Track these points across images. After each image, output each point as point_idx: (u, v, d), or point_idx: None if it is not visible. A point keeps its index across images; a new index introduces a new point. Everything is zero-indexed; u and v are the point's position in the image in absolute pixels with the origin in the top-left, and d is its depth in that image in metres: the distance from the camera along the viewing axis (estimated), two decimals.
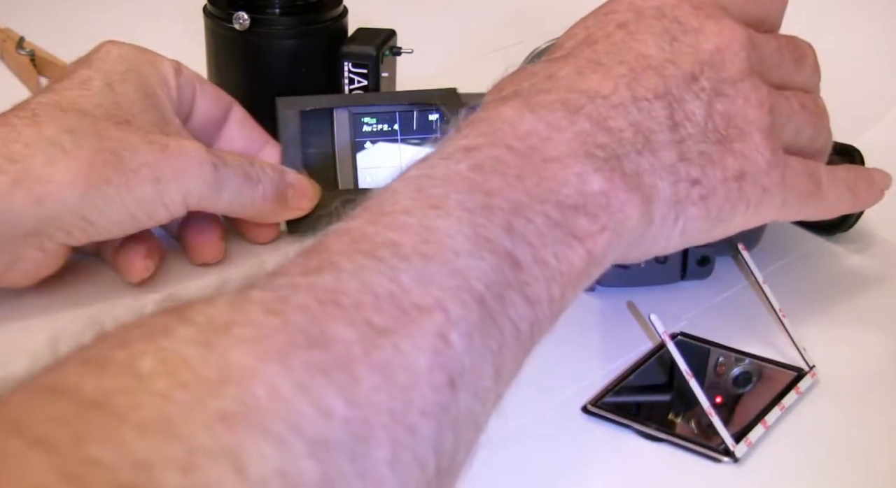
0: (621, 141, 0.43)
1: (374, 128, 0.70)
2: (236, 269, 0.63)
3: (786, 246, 0.71)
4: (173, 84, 0.65)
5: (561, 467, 0.50)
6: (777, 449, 0.51)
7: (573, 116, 0.43)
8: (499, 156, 0.41)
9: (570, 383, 0.56)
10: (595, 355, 0.59)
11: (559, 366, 0.58)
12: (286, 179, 0.65)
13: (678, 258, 0.64)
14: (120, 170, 0.56)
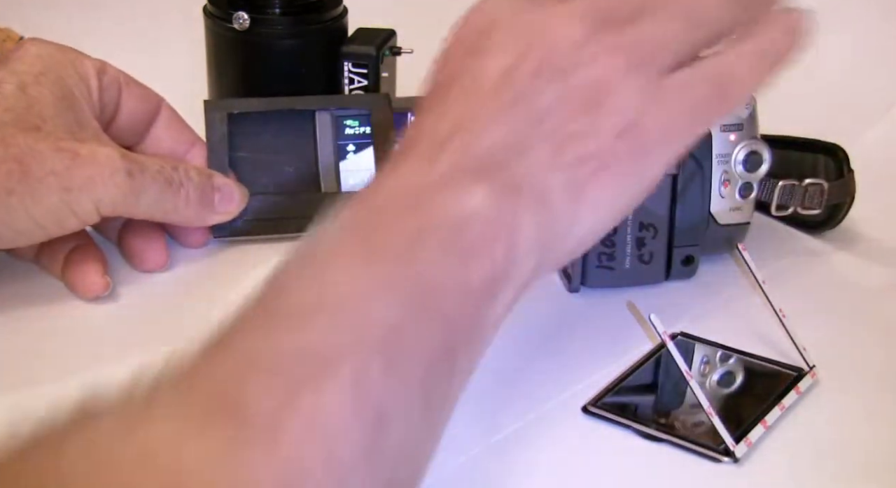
0: (493, 155, 0.43)
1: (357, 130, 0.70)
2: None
3: (785, 246, 0.71)
4: (94, 85, 0.62)
5: (561, 467, 0.50)
6: (777, 449, 0.51)
7: (441, 150, 0.43)
8: (379, 202, 0.42)
9: (570, 383, 0.56)
10: (595, 355, 0.59)
11: (559, 366, 0.58)
12: (213, 183, 0.63)
13: (662, 258, 0.64)
14: (24, 180, 0.55)
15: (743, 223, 0.66)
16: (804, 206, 0.68)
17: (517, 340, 0.60)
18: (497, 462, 0.50)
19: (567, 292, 0.65)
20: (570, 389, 0.55)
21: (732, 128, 0.64)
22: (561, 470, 0.50)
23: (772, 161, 0.65)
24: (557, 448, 0.52)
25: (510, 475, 0.50)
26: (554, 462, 0.51)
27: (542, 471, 0.50)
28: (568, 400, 0.54)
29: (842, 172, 0.69)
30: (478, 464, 0.50)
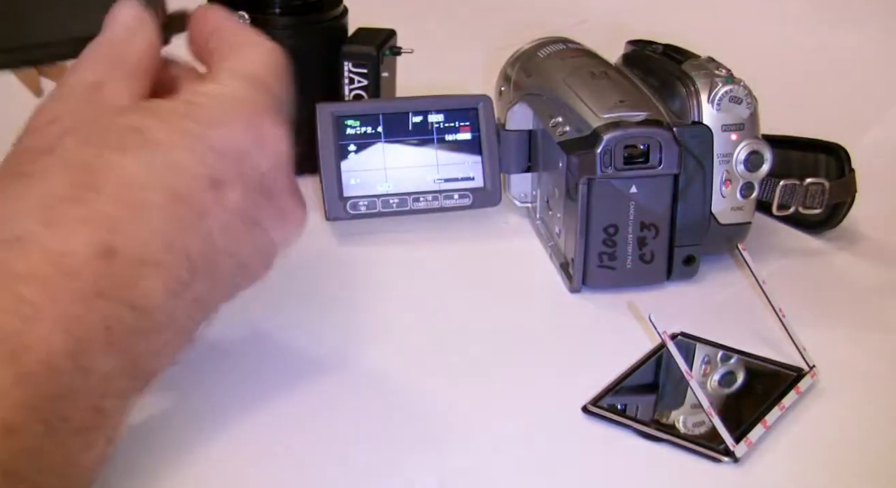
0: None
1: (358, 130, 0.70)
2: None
3: (785, 246, 0.71)
4: None
5: (561, 467, 0.50)
6: (777, 449, 0.51)
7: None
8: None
9: (570, 383, 0.56)
10: (595, 355, 0.59)
11: (559, 366, 0.58)
12: None
13: (664, 258, 0.64)
14: None
15: (744, 223, 0.66)
16: (805, 206, 0.68)
17: (517, 340, 0.60)
18: (497, 462, 0.50)
19: (568, 292, 0.65)
20: (570, 389, 0.55)
21: (734, 128, 0.64)
22: (561, 470, 0.50)
23: (773, 160, 0.65)
24: (557, 448, 0.52)
25: (510, 475, 0.50)
26: (554, 462, 0.51)
27: (542, 471, 0.50)
28: (568, 400, 0.54)
29: (843, 172, 0.69)
30: (478, 464, 0.50)
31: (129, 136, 0.43)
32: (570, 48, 0.74)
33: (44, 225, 0.40)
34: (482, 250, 0.70)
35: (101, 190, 0.41)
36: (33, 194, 0.41)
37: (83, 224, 0.40)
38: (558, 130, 0.65)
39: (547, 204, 0.69)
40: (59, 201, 0.41)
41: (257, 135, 0.45)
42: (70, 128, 0.43)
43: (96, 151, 0.42)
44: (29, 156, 0.43)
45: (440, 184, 0.71)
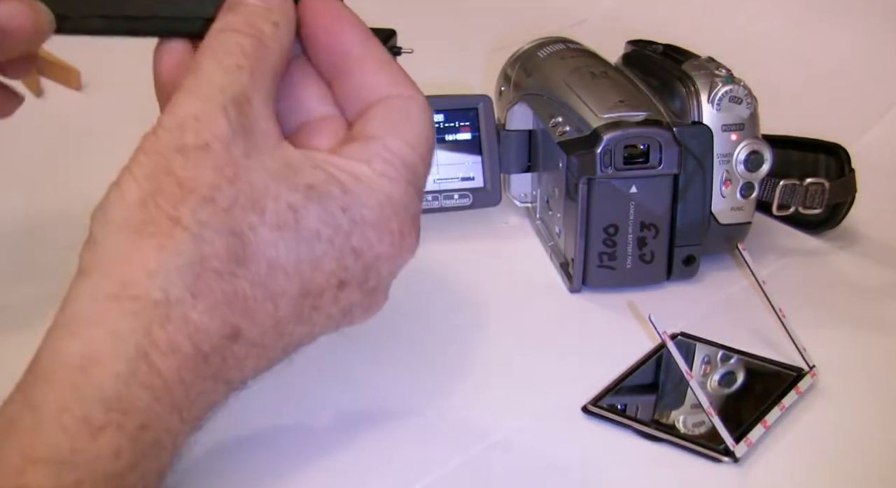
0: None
1: None
2: None
3: (785, 246, 0.71)
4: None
5: (561, 467, 0.50)
6: (777, 449, 0.51)
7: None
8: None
9: (570, 383, 0.56)
10: (595, 355, 0.59)
11: (559, 366, 0.58)
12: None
13: (664, 258, 0.64)
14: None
15: (744, 223, 0.66)
16: (805, 206, 0.68)
17: (517, 340, 0.60)
18: (497, 462, 0.50)
19: (568, 292, 0.65)
20: (570, 389, 0.55)
21: (734, 128, 0.64)
22: (561, 470, 0.50)
23: (773, 160, 0.65)
24: (557, 448, 0.52)
25: (510, 475, 0.50)
26: (554, 462, 0.51)
27: (542, 471, 0.50)
28: (568, 400, 0.54)
29: (843, 172, 0.69)
30: (478, 464, 0.50)
31: (286, 215, 0.40)
32: (570, 48, 0.74)
33: (192, 294, 0.38)
34: (482, 250, 0.70)
35: (248, 267, 0.40)
36: (186, 250, 0.39)
37: (225, 303, 0.39)
38: (558, 130, 0.65)
39: (547, 204, 0.69)
40: (209, 271, 0.39)
41: (398, 245, 0.43)
42: (227, 174, 0.40)
43: (254, 221, 0.40)
44: (182, 198, 0.39)
45: (440, 184, 0.71)
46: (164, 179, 0.39)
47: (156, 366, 0.38)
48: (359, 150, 0.43)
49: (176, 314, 0.38)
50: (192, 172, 0.39)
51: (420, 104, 0.44)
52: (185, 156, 0.39)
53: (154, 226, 0.38)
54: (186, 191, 0.39)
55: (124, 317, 0.38)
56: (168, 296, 0.38)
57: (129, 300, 0.38)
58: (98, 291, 0.38)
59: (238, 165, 0.40)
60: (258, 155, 0.41)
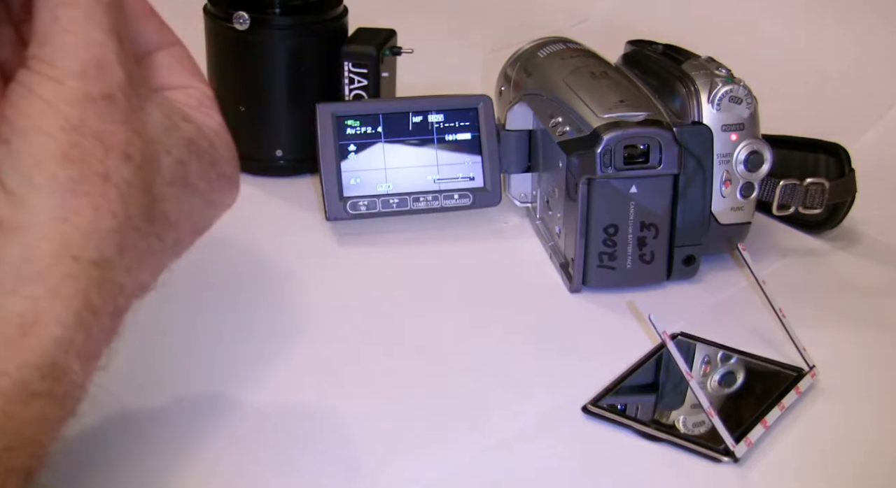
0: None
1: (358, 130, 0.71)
2: None
3: (785, 246, 0.71)
4: None
5: (561, 467, 0.50)
6: (777, 449, 0.51)
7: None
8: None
9: (570, 383, 0.56)
10: (595, 355, 0.59)
11: (559, 366, 0.58)
12: None
13: (664, 258, 0.64)
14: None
15: (744, 223, 0.66)
16: (805, 206, 0.68)
17: (518, 340, 0.60)
18: (497, 462, 0.50)
19: (568, 292, 0.65)
20: (570, 389, 0.55)
21: (734, 128, 0.64)
22: (561, 470, 0.50)
23: (773, 160, 0.65)
24: (557, 448, 0.52)
25: (510, 475, 0.50)
26: (554, 462, 0.51)
27: (542, 471, 0.50)
28: (568, 400, 0.54)
29: (843, 172, 0.69)
30: (478, 464, 0.50)
31: (177, 170, 0.42)
32: (570, 48, 0.74)
33: (119, 254, 0.40)
34: (482, 250, 0.70)
35: (154, 223, 0.41)
36: (118, 211, 0.40)
37: (140, 261, 0.41)
38: (558, 130, 0.65)
39: (547, 204, 0.69)
40: (132, 230, 0.40)
41: (236, 193, 0.47)
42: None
43: (156, 177, 0.41)
44: (105, 154, 0.40)
45: (440, 184, 0.71)
46: (80, 133, 0.38)
47: (92, 336, 0.38)
48: (190, 99, 0.44)
49: (108, 275, 0.39)
50: (105, 125, 0.39)
51: (185, 49, 0.46)
52: (95, 108, 0.39)
53: (84, 184, 0.38)
54: (107, 147, 0.39)
55: (65, 279, 0.37)
56: (103, 257, 0.38)
57: (70, 260, 0.38)
58: (35, 250, 0.37)
59: (138, 118, 0.40)
60: (147, 105, 0.41)
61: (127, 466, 0.49)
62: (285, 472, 0.49)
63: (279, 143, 0.78)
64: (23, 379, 0.36)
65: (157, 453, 0.50)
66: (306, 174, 0.79)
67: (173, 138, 0.42)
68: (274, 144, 0.78)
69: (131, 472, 0.49)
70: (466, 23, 1.14)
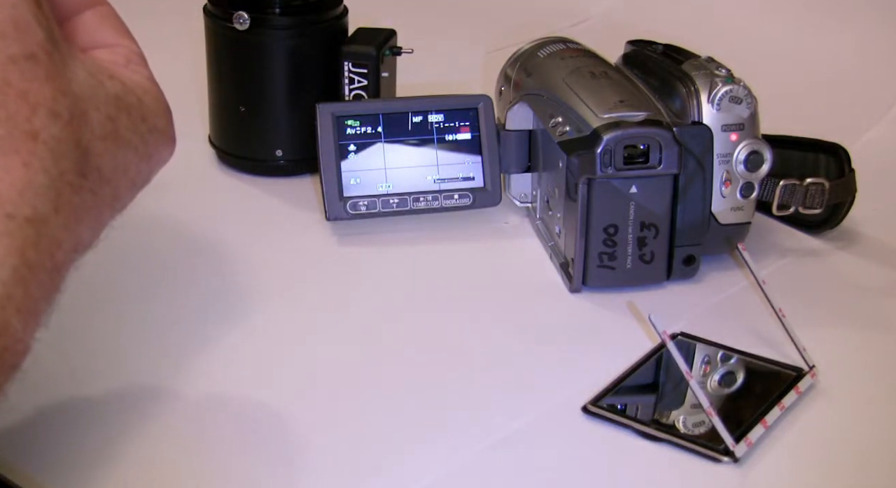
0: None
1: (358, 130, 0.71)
2: None
3: (785, 246, 0.71)
4: None
5: (561, 467, 0.50)
6: (777, 449, 0.51)
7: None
8: None
9: (570, 383, 0.56)
10: (595, 355, 0.59)
11: (559, 366, 0.58)
12: None
13: (664, 258, 0.64)
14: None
15: (744, 223, 0.66)
16: (805, 206, 0.68)
17: (517, 340, 0.60)
18: (497, 462, 0.50)
19: (568, 292, 0.65)
20: (570, 389, 0.55)
21: (734, 128, 0.64)
22: (561, 470, 0.50)
23: (773, 160, 0.65)
24: (557, 448, 0.52)
25: (510, 475, 0.50)
26: (554, 462, 0.51)
27: (542, 471, 0.50)
28: (568, 400, 0.54)
29: (843, 172, 0.69)
30: (478, 464, 0.50)
31: (107, 125, 0.43)
32: (570, 48, 0.74)
33: (55, 210, 0.40)
34: (482, 250, 0.70)
35: (88, 178, 0.42)
36: (49, 167, 0.40)
37: (75, 217, 0.41)
38: (558, 130, 0.65)
39: (547, 204, 0.69)
40: (66, 185, 0.41)
41: (172, 146, 0.47)
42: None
43: (86, 132, 0.42)
44: (32, 111, 0.40)
45: (440, 184, 0.71)
46: (4, 93, 0.38)
47: (30, 292, 0.38)
48: (116, 57, 0.45)
49: (44, 232, 0.39)
50: (30, 84, 0.39)
51: (111, 8, 0.47)
52: (17, 68, 0.39)
53: (13, 142, 0.38)
54: (33, 105, 0.39)
55: (0, 237, 0.38)
56: (37, 214, 0.39)
57: (4, 218, 0.38)
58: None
59: (63, 76, 0.40)
60: (72, 63, 0.41)
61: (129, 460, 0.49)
62: (286, 472, 0.49)
63: (279, 143, 0.78)
64: None
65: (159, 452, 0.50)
66: (306, 174, 0.79)
67: (100, 95, 0.42)
68: (274, 144, 0.78)
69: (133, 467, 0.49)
70: (466, 23, 1.14)
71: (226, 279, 0.65)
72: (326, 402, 0.54)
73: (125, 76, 0.45)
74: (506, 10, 1.15)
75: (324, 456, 0.50)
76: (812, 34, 1.05)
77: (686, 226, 0.64)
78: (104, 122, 0.42)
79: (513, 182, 0.74)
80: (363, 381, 0.56)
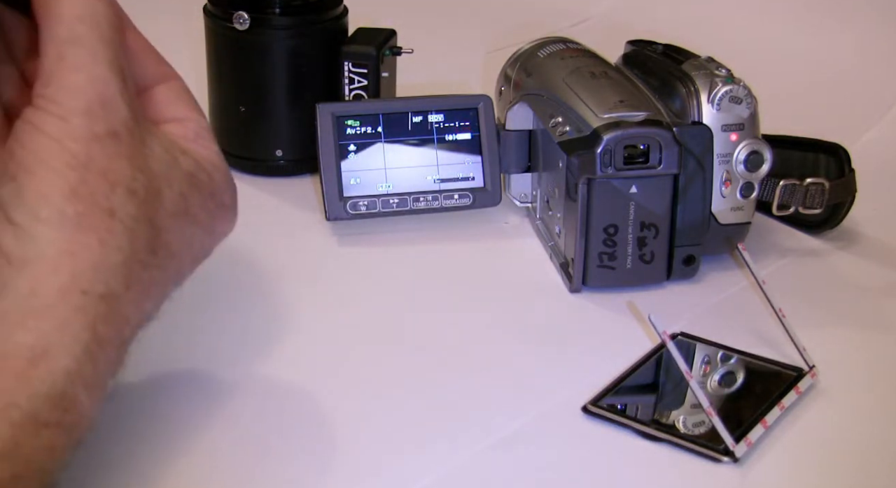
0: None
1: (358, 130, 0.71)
2: None
3: (785, 246, 0.71)
4: None
5: (561, 467, 0.50)
6: (777, 449, 0.51)
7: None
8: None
9: (570, 383, 0.56)
10: (595, 355, 0.59)
11: (559, 366, 0.58)
12: None
13: (664, 258, 0.64)
14: None
15: (744, 223, 0.66)
16: (805, 206, 0.68)
17: (517, 340, 0.60)
18: (497, 462, 0.50)
19: (568, 292, 0.65)
20: (570, 389, 0.55)
21: (734, 128, 0.64)
22: (561, 470, 0.50)
23: (773, 160, 0.65)
24: (557, 448, 0.52)
25: (510, 475, 0.50)
26: (554, 462, 0.51)
27: (542, 471, 0.50)
28: (568, 400, 0.54)
29: (843, 172, 0.69)
30: (478, 464, 0.50)
31: (179, 202, 0.44)
32: (570, 48, 0.74)
33: (126, 287, 0.41)
34: (482, 250, 0.70)
35: (157, 254, 0.43)
36: (124, 245, 0.41)
37: (144, 293, 0.42)
38: (558, 130, 0.65)
39: (547, 204, 0.69)
40: (137, 263, 0.42)
41: (234, 220, 0.49)
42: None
43: (159, 209, 0.43)
44: (110, 190, 0.41)
45: (440, 184, 0.71)
46: (87, 170, 0.39)
47: (99, 368, 0.39)
48: (187, 132, 0.46)
49: (115, 308, 0.40)
50: (111, 162, 0.40)
51: (183, 83, 0.48)
52: (101, 145, 0.40)
53: (91, 219, 0.39)
54: (113, 183, 0.40)
55: (74, 312, 0.38)
56: (109, 290, 0.39)
57: (79, 294, 0.39)
58: (44, 284, 0.38)
59: (141, 154, 0.41)
60: (149, 140, 0.42)
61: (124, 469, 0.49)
62: (285, 472, 0.49)
63: (279, 143, 0.78)
64: (33, 409, 0.37)
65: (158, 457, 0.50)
66: (306, 174, 0.79)
67: (174, 172, 0.43)
68: (274, 144, 0.78)
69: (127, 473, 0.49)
70: (466, 23, 1.14)
71: (225, 279, 0.65)
72: (324, 402, 0.54)
73: (197, 152, 0.45)
74: (506, 10, 1.15)
75: (323, 456, 0.50)
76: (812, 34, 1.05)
77: (686, 226, 0.64)
78: (176, 200, 0.43)
79: (513, 182, 0.74)
80: (363, 381, 0.56)
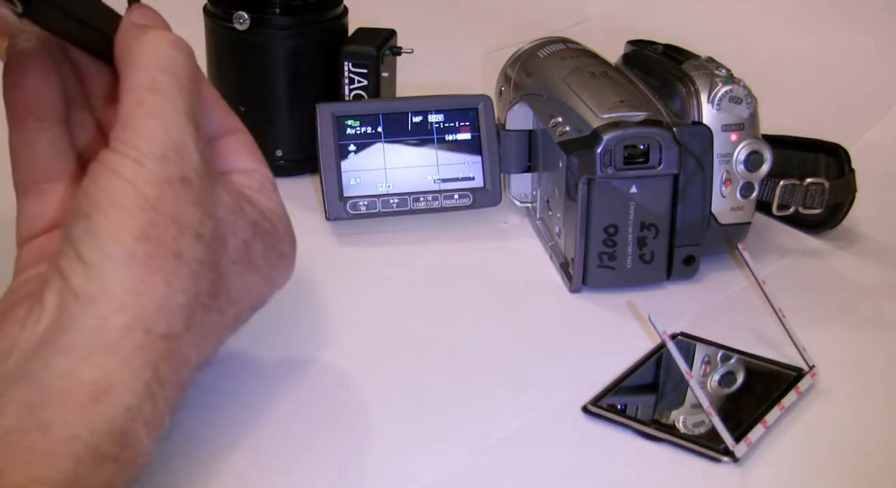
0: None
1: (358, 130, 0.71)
2: None
3: (785, 246, 0.71)
4: None
5: (561, 467, 0.50)
6: (777, 449, 0.51)
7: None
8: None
9: (570, 383, 0.56)
10: (595, 355, 0.59)
11: (559, 366, 0.58)
12: None
13: (664, 258, 0.64)
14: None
15: (744, 223, 0.66)
16: (805, 206, 0.68)
17: (517, 340, 0.60)
18: (497, 462, 0.50)
19: (568, 292, 0.65)
20: (570, 389, 0.55)
21: (734, 128, 0.64)
22: (561, 470, 0.50)
23: (773, 160, 0.65)
24: (557, 448, 0.52)
25: (510, 475, 0.50)
26: (554, 462, 0.51)
27: (542, 471, 0.50)
28: (568, 400, 0.54)
29: (843, 172, 0.69)
30: (478, 464, 0.50)
31: (241, 249, 0.46)
32: (570, 48, 0.74)
33: (186, 328, 0.42)
34: (482, 250, 0.70)
35: (218, 298, 0.45)
36: (189, 288, 0.43)
37: (203, 335, 0.44)
38: (558, 130, 0.65)
39: (547, 204, 0.69)
40: (199, 305, 0.43)
41: (291, 269, 0.52)
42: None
43: (223, 255, 0.44)
44: (179, 233, 0.42)
45: (440, 184, 0.71)
46: (157, 212, 0.41)
47: (158, 406, 0.40)
48: (253, 182, 0.48)
49: (175, 348, 0.41)
50: (181, 206, 0.41)
51: (249, 135, 0.50)
52: (172, 190, 0.41)
53: (158, 260, 0.41)
54: (181, 226, 0.41)
55: (137, 351, 0.40)
56: (171, 331, 0.41)
57: (142, 333, 0.40)
58: (110, 322, 0.39)
59: (209, 200, 0.43)
60: (218, 188, 0.44)
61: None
62: (285, 472, 0.49)
63: (279, 143, 0.78)
64: (94, 443, 0.38)
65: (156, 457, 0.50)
66: (306, 174, 0.79)
67: (239, 220, 0.45)
68: (274, 144, 0.78)
69: None
70: (466, 23, 1.15)
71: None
72: (325, 402, 0.54)
73: (261, 202, 0.47)
74: (506, 10, 1.15)
75: (323, 457, 0.50)
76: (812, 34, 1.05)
77: (686, 226, 0.64)
78: (240, 247, 0.45)
79: (513, 182, 0.74)
80: (362, 381, 0.56)
